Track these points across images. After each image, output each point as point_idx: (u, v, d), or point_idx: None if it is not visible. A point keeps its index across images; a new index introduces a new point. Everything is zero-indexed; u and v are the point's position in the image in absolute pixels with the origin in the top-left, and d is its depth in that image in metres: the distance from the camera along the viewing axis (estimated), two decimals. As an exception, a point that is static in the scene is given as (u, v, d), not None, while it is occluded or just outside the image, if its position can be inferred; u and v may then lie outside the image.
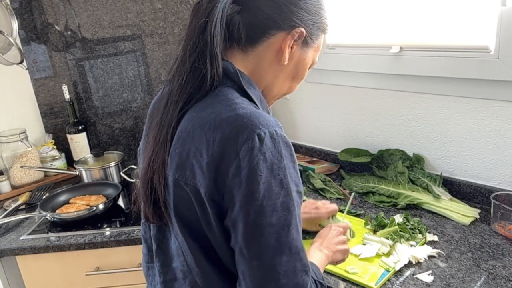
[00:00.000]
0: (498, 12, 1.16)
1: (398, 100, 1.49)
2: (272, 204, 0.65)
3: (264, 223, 0.65)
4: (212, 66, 0.71)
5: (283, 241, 0.66)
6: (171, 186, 0.72)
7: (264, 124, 0.66)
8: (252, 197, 0.64)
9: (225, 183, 0.65)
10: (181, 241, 0.75)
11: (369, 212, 1.35)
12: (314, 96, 1.75)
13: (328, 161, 1.76)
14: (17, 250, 1.33)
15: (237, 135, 0.65)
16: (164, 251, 0.82)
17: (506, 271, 1.02)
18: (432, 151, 1.45)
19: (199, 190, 0.68)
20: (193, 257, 0.74)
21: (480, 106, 1.29)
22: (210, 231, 0.71)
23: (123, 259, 1.38)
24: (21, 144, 1.75)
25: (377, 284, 1.00)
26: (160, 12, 1.79)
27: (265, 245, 0.65)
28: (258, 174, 0.64)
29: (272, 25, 0.75)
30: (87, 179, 1.68)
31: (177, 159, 0.71)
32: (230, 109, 0.68)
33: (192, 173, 0.69)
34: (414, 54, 1.38)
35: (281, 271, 0.66)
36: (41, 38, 1.82)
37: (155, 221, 0.79)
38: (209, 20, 0.71)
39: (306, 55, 0.82)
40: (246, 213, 0.65)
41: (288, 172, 0.67)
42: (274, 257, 0.65)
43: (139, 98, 1.92)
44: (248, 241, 0.66)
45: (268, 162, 0.64)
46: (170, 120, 0.74)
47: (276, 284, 0.66)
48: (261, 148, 0.64)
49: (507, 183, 1.30)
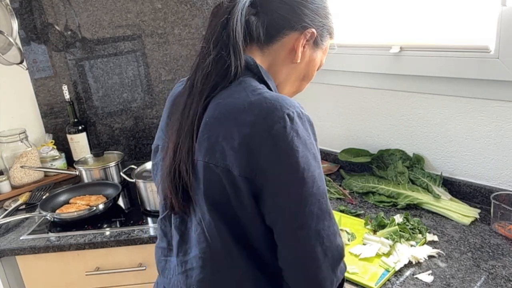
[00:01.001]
0: (498, 12, 1.16)
1: (398, 100, 1.49)
2: (311, 176, 0.71)
3: (307, 193, 0.71)
4: (236, 58, 0.76)
5: (324, 208, 0.73)
6: (200, 170, 0.75)
7: (291, 105, 0.71)
8: (293, 171, 0.69)
9: (259, 160, 0.69)
10: (207, 225, 0.77)
11: (369, 212, 1.35)
12: (314, 96, 1.75)
13: (328, 161, 1.76)
14: (17, 250, 1.33)
15: (267, 115, 0.69)
16: (186, 241, 0.84)
17: (506, 271, 1.02)
18: (432, 151, 1.45)
19: (231, 170, 0.71)
20: (220, 239, 0.76)
21: (480, 106, 1.29)
22: (243, 209, 0.74)
23: (123, 259, 1.38)
24: (21, 144, 1.75)
25: (377, 284, 1.00)
26: (160, 12, 1.79)
27: (309, 214, 0.71)
28: (295, 149, 0.69)
29: (286, 25, 0.81)
30: (87, 179, 1.68)
31: (206, 144, 0.74)
32: (256, 94, 0.73)
33: (223, 155, 0.72)
34: (414, 54, 1.38)
35: (324, 235, 0.73)
36: (41, 38, 1.82)
37: (181, 211, 0.81)
38: (230, 17, 0.77)
39: (316, 56, 0.88)
40: (289, 186, 0.70)
41: (316, 147, 0.74)
42: (318, 224, 0.72)
43: (139, 98, 1.92)
44: (293, 212, 0.71)
45: (302, 138, 0.70)
46: (195, 109, 0.77)
47: (321, 248, 0.72)
48: (293, 126, 0.69)
49: (507, 183, 1.30)
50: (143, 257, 1.37)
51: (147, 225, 1.39)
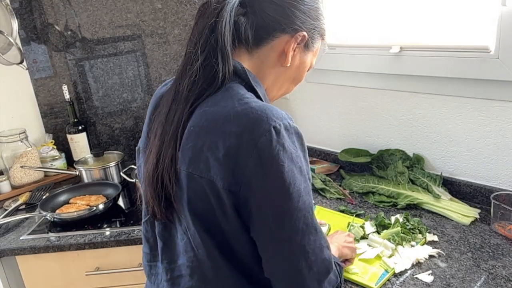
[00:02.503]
0: (498, 12, 1.16)
1: (398, 100, 1.49)
2: (297, 190, 0.69)
3: (292, 208, 0.69)
4: (224, 64, 0.74)
5: (309, 222, 0.72)
6: (184, 180, 0.73)
7: (278, 116, 0.69)
8: (278, 185, 0.68)
9: (244, 174, 0.68)
10: (192, 236, 0.75)
11: (369, 212, 1.35)
12: (314, 96, 1.75)
13: (328, 161, 1.76)
14: (17, 250, 1.33)
15: (253, 127, 0.67)
16: (170, 248, 0.82)
17: (506, 271, 1.02)
18: (432, 151, 1.45)
19: (215, 182, 0.69)
20: (206, 250, 0.75)
21: (480, 106, 1.29)
22: (227, 222, 0.72)
23: (123, 259, 1.38)
24: (21, 144, 1.75)
25: (377, 284, 1.00)
26: (160, 12, 1.79)
27: (294, 229, 0.70)
28: (281, 164, 0.67)
29: (277, 28, 0.78)
30: (87, 179, 1.68)
31: (190, 153, 0.72)
32: (243, 103, 0.71)
33: (207, 166, 0.70)
34: (414, 54, 1.38)
35: (309, 249, 0.72)
36: (41, 38, 1.82)
37: (163, 218, 0.79)
38: (218, 20, 0.74)
39: (306, 58, 0.86)
40: (274, 200, 0.69)
41: (303, 160, 0.72)
42: (303, 238, 0.71)
43: (139, 98, 1.92)
44: (277, 226, 0.70)
45: (288, 152, 0.68)
46: (180, 116, 0.75)
47: (306, 262, 0.71)
48: (279, 140, 0.68)
49: (507, 183, 1.30)
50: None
51: (147, 225, 1.39)
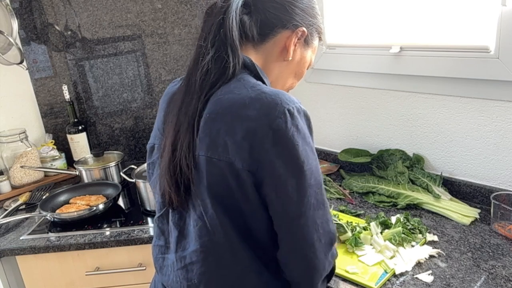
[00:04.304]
0: (498, 12, 1.16)
1: (398, 100, 1.49)
2: (310, 168, 0.75)
3: (306, 185, 0.75)
4: (234, 56, 0.79)
5: (319, 198, 0.78)
6: (203, 165, 0.76)
7: (290, 101, 0.75)
8: (293, 164, 0.73)
9: (261, 154, 0.72)
10: (210, 219, 0.78)
11: (369, 212, 1.35)
12: (314, 96, 1.75)
13: (328, 161, 1.76)
14: (17, 250, 1.33)
15: (268, 110, 0.72)
16: (185, 236, 0.85)
17: (506, 271, 1.02)
18: (432, 151, 1.45)
19: (234, 163, 0.74)
20: (224, 232, 0.78)
21: (480, 106, 1.29)
22: (247, 201, 0.76)
23: (123, 259, 1.38)
24: (21, 144, 1.75)
25: (377, 284, 1.00)
26: (160, 12, 1.79)
27: (307, 204, 0.76)
28: (295, 144, 0.73)
29: (278, 24, 0.84)
30: (87, 179, 1.68)
31: (208, 139, 0.76)
32: (256, 89, 0.76)
33: (225, 149, 0.74)
34: (414, 54, 1.38)
35: (319, 222, 0.78)
36: (41, 38, 1.82)
37: (180, 206, 0.82)
38: (226, 16, 0.80)
39: (306, 54, 0.92)
40: (290, 178, 0.74)
41: (312, 140, 0.78)
42: (314, 213, 0.77)
43: (139, 98, 1.92)
44: (293, 203, 0.75)
45: (301, 132, 0.74)
46: (195, 105, 0.78)
47: (317, 234, 0.77)
48: (293, 121, 0.73)
49: (507, 183, 1.30)
50: (143, 257, 1.37)
51: (147, 225, 1.39)
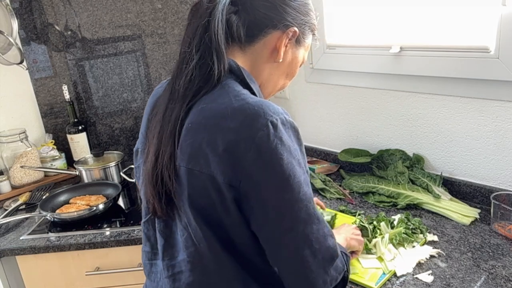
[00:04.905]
0: (498, 12, 1.16)
1: (398, 100, 1.49)
2: (297, 182, 0.71)
3: (293, 199, 0.71)
4: (219, 62, 0.75)
5: (311, 212, 0.73)
6: (184, 176, 0.74)
7: (274, 111, 0.71)
8: (279, 178, 0.70)
9: (244, 168, 0.69)
10: (193, 230, 0.76)
11: (369, 212, 1.35)
12: (314, 96, 1.75)
13: (328, 161, 1.76)
14: (17, 250, 1.33)
15: (251, 122, 0.69)
16: (171, 245, 0.83)
17: (506, 271, 1.02)
18: (432, 151, 1.45)
19: (215, 177, 0.70)
20: (207, 244, 0.75)
21: (480, 106, 1.29)
22: (228, 216, 0.73)
23: (123, 259, 1.38)
24: (21, 144, 1.75)
25: (377, 284, 1.00)
26: (160, 12, 1.79)
27: (296, 219, 0.71)
28: (279, 157, 0.69)
29: (268, 24, 0.80)
30: (87, 179, 1.68)
31: (189, 149, 0.73)
32: (239, 99, 0.72)
33: (207, 161, 0.71)
34: (414, 54, 1.38)
35: (313, 238, 0.73)
36: (41, 38, 1.82)
37: (164, 215, 0.80)
38: (211, 19, 0.76)
39: (298, 53, 0.88)
40: (276, 192, 0.70)
41: (300, 153, 0.74)
42: (306, 228, 0.72)
43: (139, 98, 1.92)
44: (280, 218, 0.71)
45: (286, 145, 0.70)
46: (177, 114, 0.76)
47: (310, 250, 0.73)
48: (276, 134, 0.69)
49: (507, 183, 1.30)
50: (143, 257, 1.37)
51: (147, 225, 1.39)
